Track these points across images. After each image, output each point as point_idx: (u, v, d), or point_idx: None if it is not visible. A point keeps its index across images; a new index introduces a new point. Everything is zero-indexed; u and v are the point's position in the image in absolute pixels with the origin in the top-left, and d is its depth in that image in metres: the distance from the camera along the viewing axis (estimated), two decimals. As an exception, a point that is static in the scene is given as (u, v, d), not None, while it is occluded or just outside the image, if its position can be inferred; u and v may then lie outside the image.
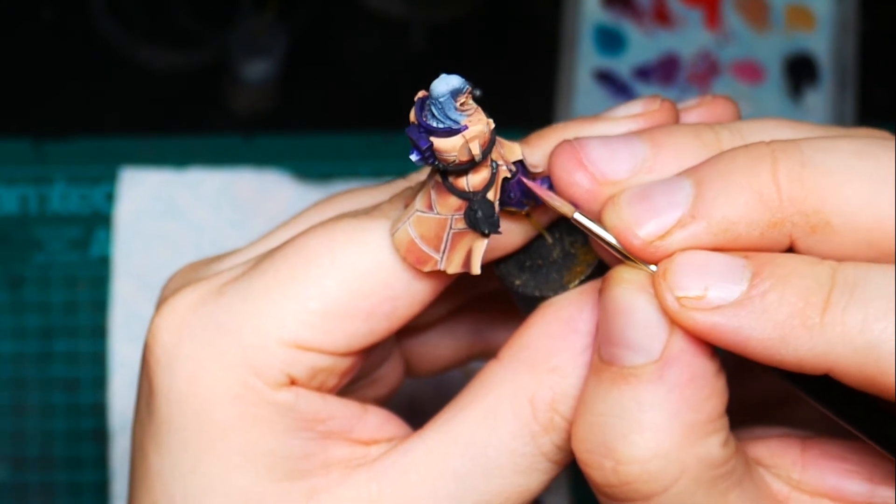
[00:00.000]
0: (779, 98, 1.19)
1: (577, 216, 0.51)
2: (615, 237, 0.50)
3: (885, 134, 0.51)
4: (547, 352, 0.54)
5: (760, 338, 0.48)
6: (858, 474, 0.54)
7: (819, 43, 1.20)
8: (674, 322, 0.49)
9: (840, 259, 0.49)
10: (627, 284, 0.50)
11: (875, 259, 0.48)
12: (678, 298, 0.49)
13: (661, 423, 0.49)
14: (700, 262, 0.49)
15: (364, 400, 0.59)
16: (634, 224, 0.50)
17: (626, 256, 0.50)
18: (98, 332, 1.10)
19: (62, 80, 1.20)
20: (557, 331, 0.54)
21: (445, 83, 0.49)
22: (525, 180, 0.53)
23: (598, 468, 0.50)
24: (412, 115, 0.50)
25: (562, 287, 0.56)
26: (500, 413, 0.54)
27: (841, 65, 1.19)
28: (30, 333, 1.11)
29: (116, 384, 1.08)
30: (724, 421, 0.50)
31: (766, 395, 0.58)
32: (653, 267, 0.50)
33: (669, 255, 0.49)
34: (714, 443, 0.50)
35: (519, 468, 0.55)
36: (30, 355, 1.10)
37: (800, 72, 1.19)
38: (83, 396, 1.10)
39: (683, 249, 0.49)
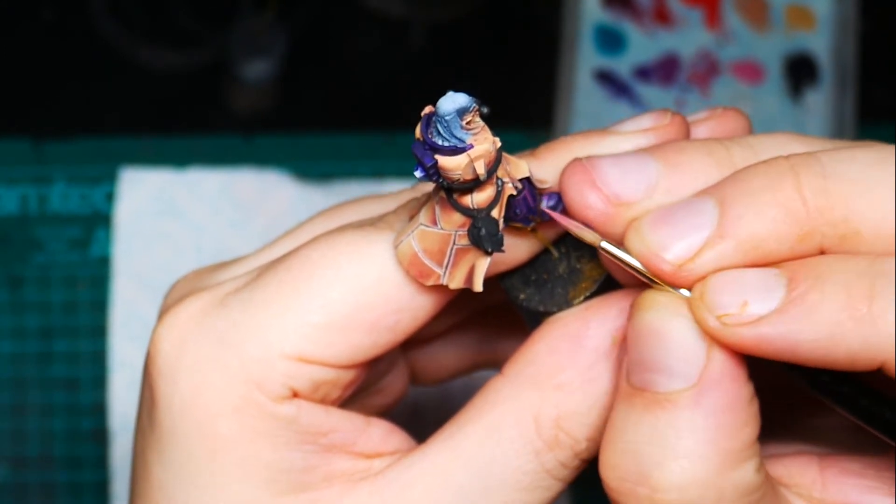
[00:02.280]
0: (779, 98, 1.19)
1: (604, 245, 0.51)
2: (642, 263, 0.50)
3: (890, 146, 0.51)
4: (552, 368, 0.54)
5: (809, 339, 0.47)
6: (880, 490, 0.53)
7: (819, 43, 1.20)
8: (718, 342, 0.48)
9: None
10: (662, 308, 0.49)
11: None
12: (719, 317, 0.48)
13: (698, 449, 0.48)
14: (734, 279, 0.48)
15: (368, 409, 0.59)
16: (661, 248, 0.49)
17: (656, 282, 0.50)
18: (98, 332, 1.10)
19: (62, 80, 1.20)
20: (563, 347, 0.54)
21: (452, 101, 0.48)
22: (550, 212, 0.52)
23: (633, 495, 0.49)
24: (417, 132, 0.49)
25: (566, 303, 0.55)
26: (504, 429, 0.54)
27: (841, 65, 1.19)
28: (30, 333, 1.11)
29: (116, 384, 1.08)
30: (758, 447, 0.50)
31: (777, 410, 0.58)
32: (684, 291, 0.49)
33: (701, 279, 0.49)
34: (749, 469, 0.49)
35: (522, 485, 0.54)
36: (30, 355, 1.10)
37: (800, 72, 1.19)
38: (83, 396, 1.10)
39: (715, 271, 0.49)
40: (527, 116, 1.18)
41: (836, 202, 0.48)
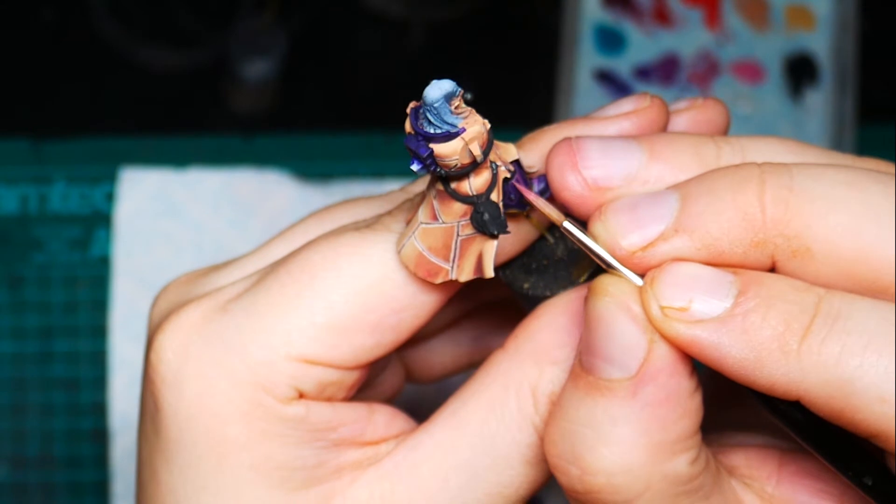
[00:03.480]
0: (779, 98, 1.19)
1: (566, 225, 0.51)
2: (602, 247, 0.50)
3: (890, 167, 0.51)
4: (552, 344, 0.54)
5: (737, 357, 0.48)
6: (830, 494, 0.54)
7: (819, 43, 1.20)
8: (657, 331, 0.49)
9: (822, 286, 0.49)
10: (610, 297, 0.49)
11: (854, 291, 0.48)
12: (662, 308, 0.49)
13: (629, 439, 0.49)
14: (688, 274, 0.49)
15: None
16: (618, 234, 0.50)
17: (612, 267, 0.50)
18: (98, 332, 1.10)
19: (62, 80, 1.20)
20: (564, 324, 0.54)
21: (438, 88, 0.49)
22: (518, 185, 0.53)
23: (566, 474, 0.50)
24: (408, 126, 0.50)
25: (571, 283, 0.56)
26: (505, 404, 0.55)
27: (841, 65, 1.19)
28: (30, 333, 1.11)
29: (116, 384, 1.08)
30: (696, 439, 0.50)
31: (749, 401, 0.58)
32: (638, 280, 0.50)
33: (653, 267, 0.49)
34: (682, 461, 0.50)
35: (526, 459, 0.55)
36: (30, 355, 1.10)
37: (800, 72, 1.19)
38: (83, 396, 1.10)
39: (667, 261, 0.49)
40: (527, 116, 1.18)
41: (793, 216, 0.48)
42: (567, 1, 1.20)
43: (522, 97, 1.21)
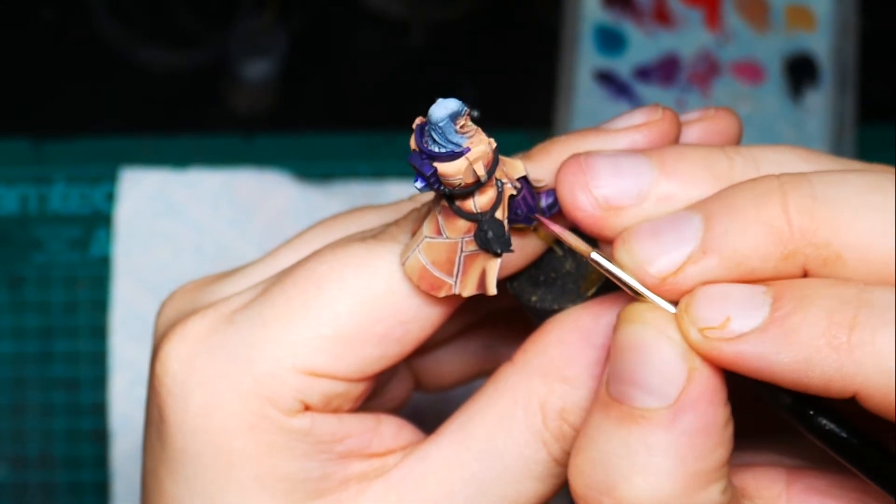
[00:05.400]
0: (779, 98, 1.19)
1: (594, 256, 0.50)
2: (629, 275, 0.50)
3: (887, 171, 0.50)
4: (561, 360, 0.54)
5: (786, 362, 0.47)
6: None
7: (819, 43, 1.20)
8: (699, 355, 0.48)
9: None
10: (646, 325, 0.49)
11: None
12: (701, 330, 0.48)
13: (666, 468, 0.48)
14: (720, 294, 0.48)
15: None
16: (646, 262, 0.49)
17: (642, 295, 0.50)
18: (98, 332, 1.10)
19: (62, 80, 1.20)
20: (573, 341, 0.54)
21: (443, 107, 0.48)
22: (543, 220, 0.52)
23: None
24: (412, 143, 0.49)
25: (580, 297, 0.55)
26: (513, 418, 0.54)
27: (841, 65, 1.19)
28: (30, 333, 1.11)
29: (116, 384, 1.08)
30: (727, 468, 0.50)
31: (754, 418, 0.57)
32: (670, 307, 0.49)
33: (686, 292, 0.49)
34: (715, 491, 0.49)
35: (534, 474, 0.55)
36: (30, 355, 1.10)
37: (800, 72, 1.19)
38: (83, 396, 1.10)
39: (698, 285, 0.49)
40: (527, 116, 1.18)
41: (820, 224, 0.48)
42: (567, 1, 1.20)
43: (522, 97, 1.21)
